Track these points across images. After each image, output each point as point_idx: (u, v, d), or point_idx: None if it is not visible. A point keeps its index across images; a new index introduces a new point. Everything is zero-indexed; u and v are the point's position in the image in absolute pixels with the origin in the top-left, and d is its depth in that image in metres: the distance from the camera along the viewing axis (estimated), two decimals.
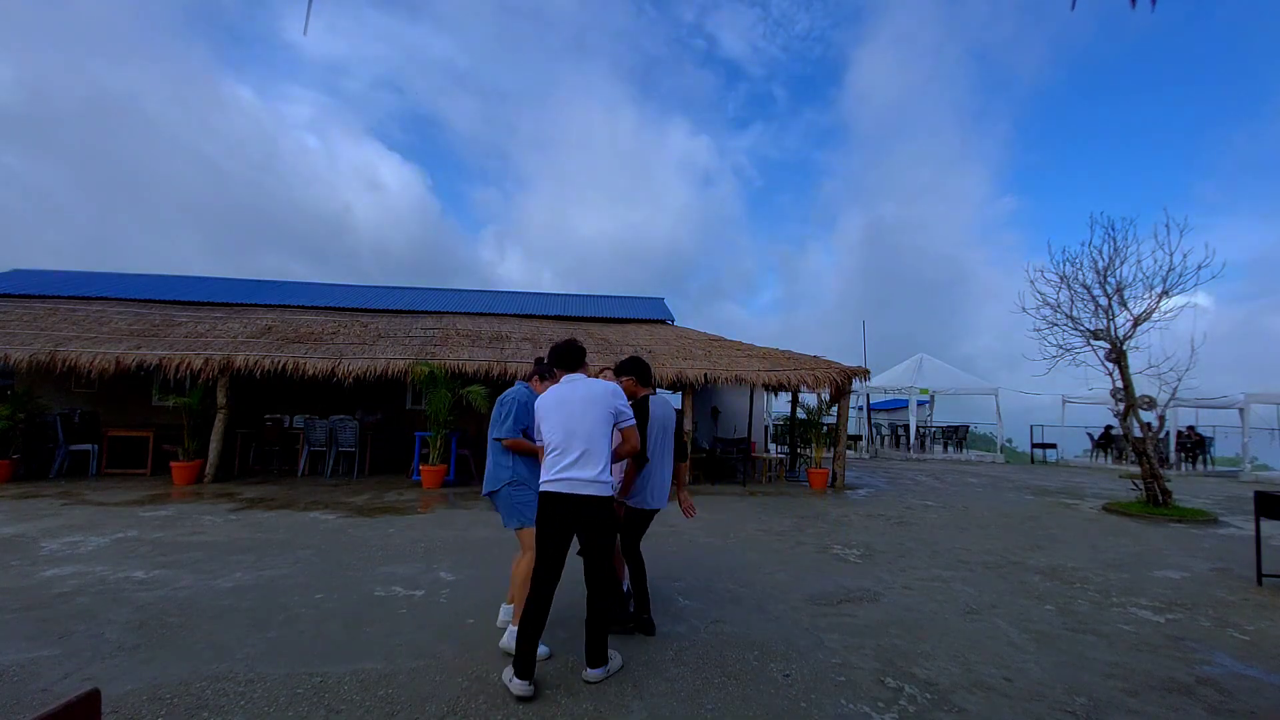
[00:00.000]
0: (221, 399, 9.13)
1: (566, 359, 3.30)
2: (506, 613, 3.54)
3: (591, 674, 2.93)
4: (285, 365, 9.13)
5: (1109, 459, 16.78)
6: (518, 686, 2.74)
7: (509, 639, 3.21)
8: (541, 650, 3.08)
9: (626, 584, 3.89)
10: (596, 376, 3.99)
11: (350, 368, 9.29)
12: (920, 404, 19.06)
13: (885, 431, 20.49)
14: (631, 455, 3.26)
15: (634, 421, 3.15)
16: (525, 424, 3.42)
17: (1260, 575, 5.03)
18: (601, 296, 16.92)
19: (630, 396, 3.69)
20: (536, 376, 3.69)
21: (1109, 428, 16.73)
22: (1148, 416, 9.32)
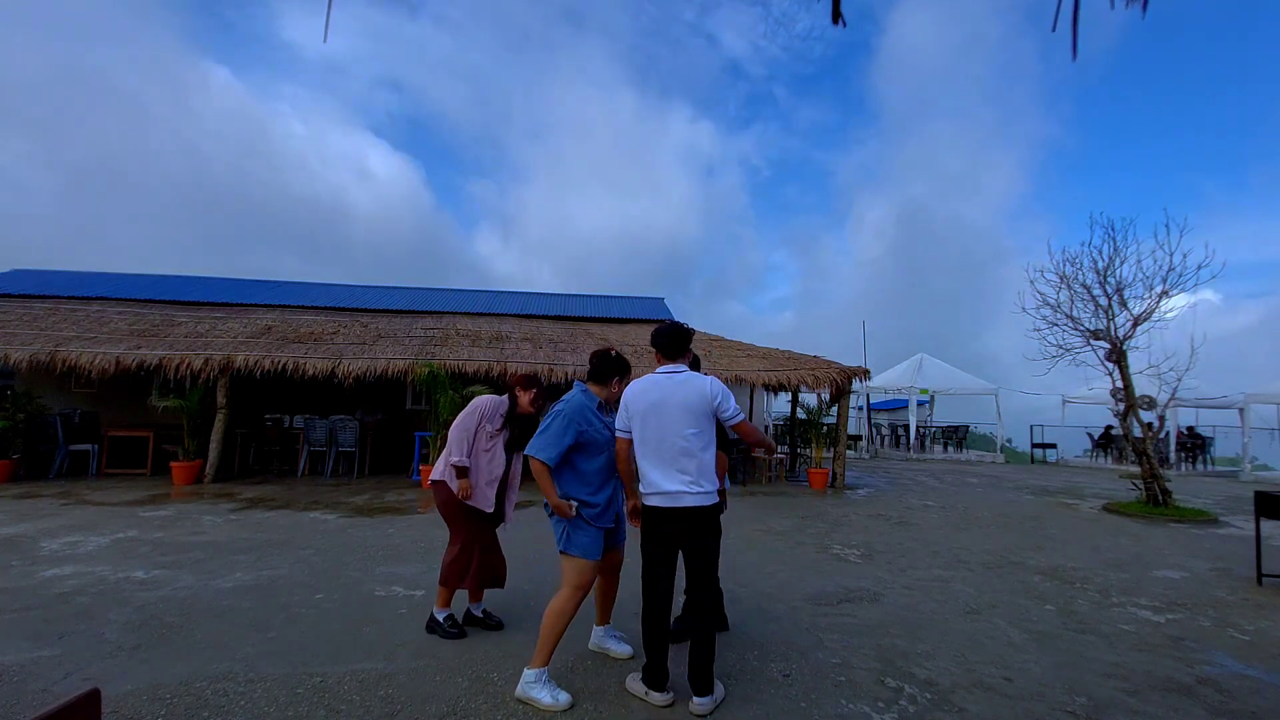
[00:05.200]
0: (221, 399, 9.13)
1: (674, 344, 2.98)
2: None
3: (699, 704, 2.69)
4: (285, 365, 9.12)
5: (1109, 459, 16.78)
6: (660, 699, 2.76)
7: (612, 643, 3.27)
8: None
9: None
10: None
11: (350, 368, 9.28)
12: (920, 404, 19.05)
13: (885, 431, 20.48)
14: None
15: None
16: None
17: (1260, 575, 5.03)
18: (601, 296, 16.93)
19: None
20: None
21: (1109, 428, 16.72)
22: (1148, 416, 9.32)
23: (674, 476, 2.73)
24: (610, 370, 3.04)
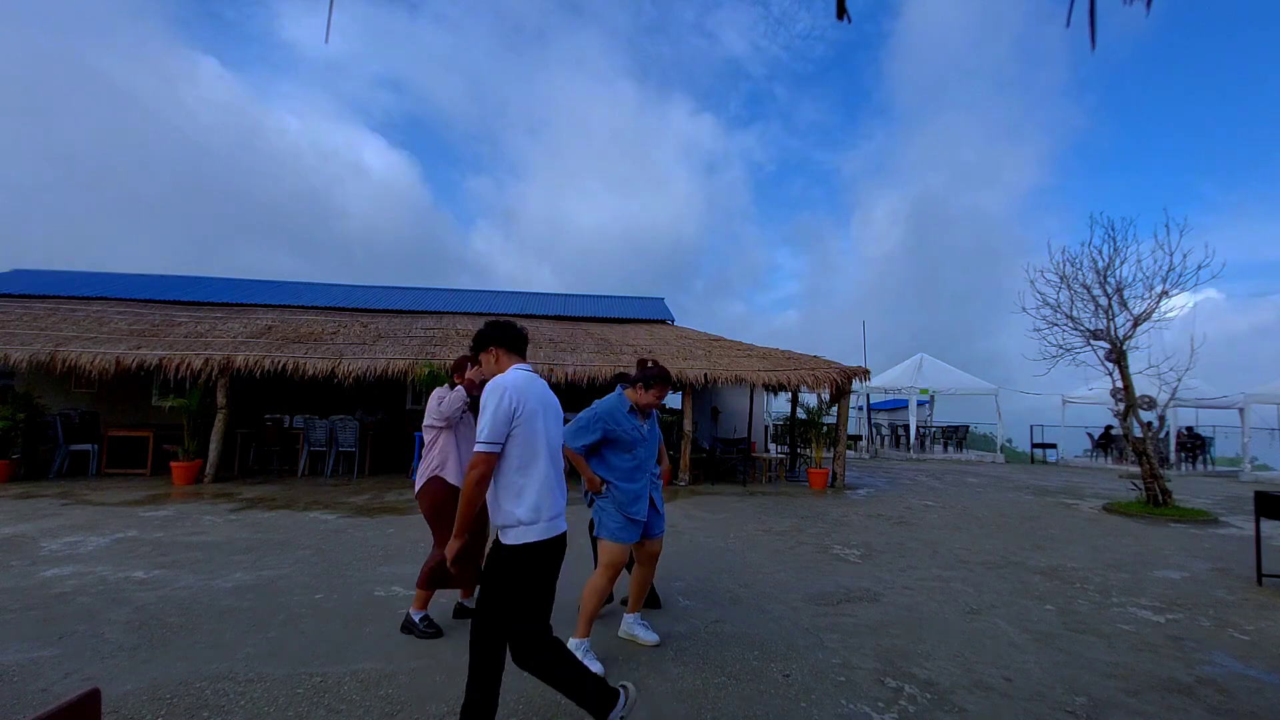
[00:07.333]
0: (221, 399, 9.12)
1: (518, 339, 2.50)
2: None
3: None
4: (285, 365, 9.12)
5: (1109, 459, 16.78)
6: None
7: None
8: None
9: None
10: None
11: (350, 368, 9.29)
12: (920, 404, 19.05)
13: (885, 431, 20.48)
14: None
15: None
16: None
17: (1260, 575, 5.03)
18: (601, 296, 16.94)
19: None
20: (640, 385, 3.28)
21: (1109, 428, 16.73)
22: (1148, 416, 9.33)
23: (563, 494, 2.38)
24: (647, 379, 3.26)
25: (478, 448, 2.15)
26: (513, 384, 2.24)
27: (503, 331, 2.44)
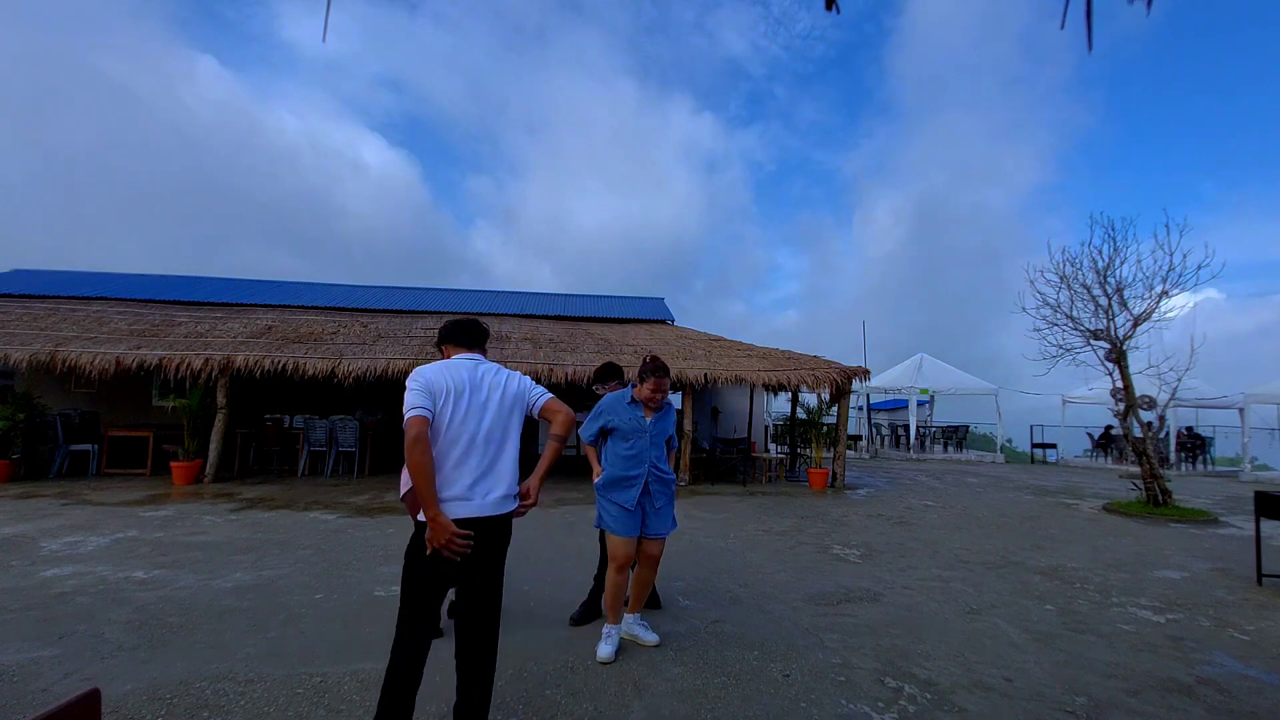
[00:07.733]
0: (221, 399, 9.13)
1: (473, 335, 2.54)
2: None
3: None
4: (285, 365, 9.12)
5: (1109, 459, 16.78)
6: None
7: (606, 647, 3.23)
8: None
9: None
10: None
11: (350, 368, 9.29)
12: (920, 404, 19.06)
13: (885, 431, 20.48)
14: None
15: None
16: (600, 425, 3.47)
17: (1260, 575, 5.03)
18: (602, 296, 16.94)
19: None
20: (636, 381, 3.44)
21: (1109, 428, 16.73)
22: (1148, 416, 9.33)
23: (505, 478, 2.33)
24: (641, 372, 3.40)
25: (407, 414, 2.17)
26: (431, 368, 2.32)
27: (454, 328, 2.54)
